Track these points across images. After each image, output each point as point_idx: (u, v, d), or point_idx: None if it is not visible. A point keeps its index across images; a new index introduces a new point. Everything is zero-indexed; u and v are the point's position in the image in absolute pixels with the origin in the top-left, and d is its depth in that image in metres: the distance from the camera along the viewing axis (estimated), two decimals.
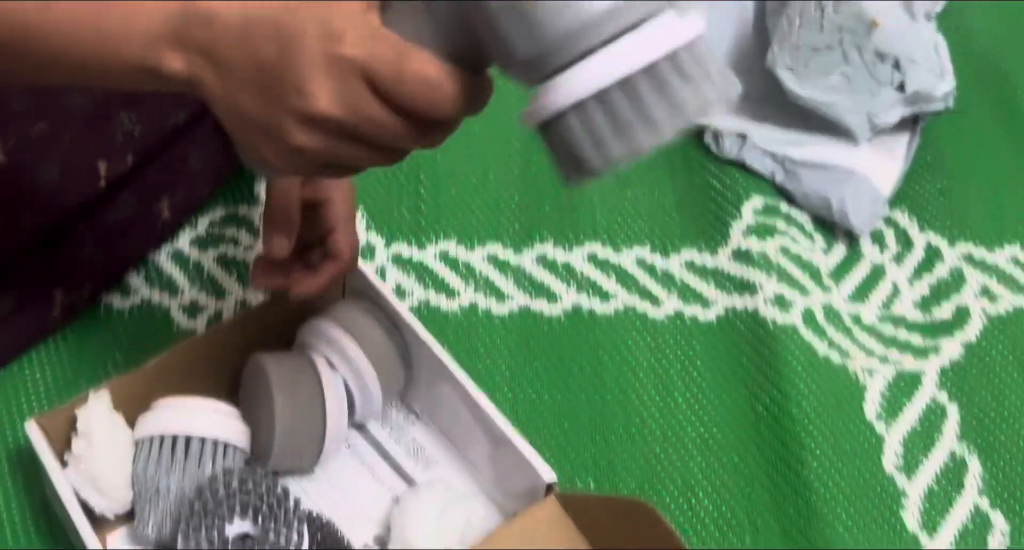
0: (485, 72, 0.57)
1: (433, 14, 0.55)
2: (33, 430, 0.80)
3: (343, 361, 0.88)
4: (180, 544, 0.75)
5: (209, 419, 0.83)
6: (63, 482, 0.79)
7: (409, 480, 0.91)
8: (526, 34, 0.51)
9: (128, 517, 0.84)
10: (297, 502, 0.77)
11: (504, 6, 0.51)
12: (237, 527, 0.76)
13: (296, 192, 0.83)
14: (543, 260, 1.11)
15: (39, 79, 0.66)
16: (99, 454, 0.81)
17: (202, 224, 1.10)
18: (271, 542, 0.74)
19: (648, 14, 0.52)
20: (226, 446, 0.83)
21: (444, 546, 0.82)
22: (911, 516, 0.95)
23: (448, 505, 0.84)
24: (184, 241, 1.08)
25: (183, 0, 0.56)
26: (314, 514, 0.83)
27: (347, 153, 0.57)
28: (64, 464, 0.81)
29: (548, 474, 0.82)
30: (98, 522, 0.82)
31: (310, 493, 0.89)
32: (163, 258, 1.06)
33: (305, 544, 0.76)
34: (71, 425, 0.82)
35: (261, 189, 1.12)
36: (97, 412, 0.82)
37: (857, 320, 1.10)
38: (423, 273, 1.08)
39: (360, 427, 0.94)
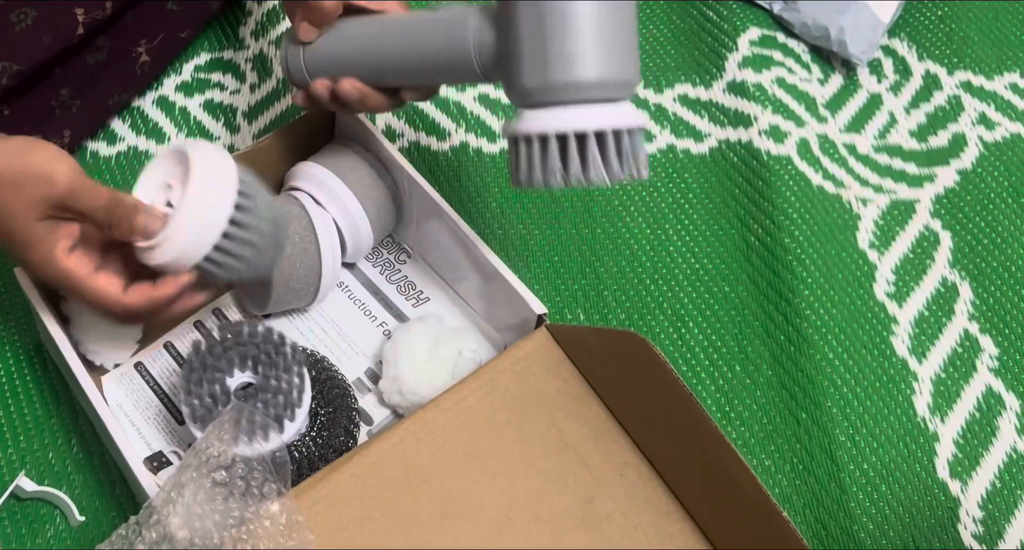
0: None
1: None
2: (22, 275, 0.81)
3: (333, 202, 0.87)
4: (183, 399, 0.76)
5: None
6: (57, 328, 0.79)
7: (401, 316, 0.92)
8: (538, 70, 0.68)
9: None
10: (294, 345, 0.78)
11: (536, 47, 0.67)
12: (238, 378, 0.77)
13: None
14: None
15: None
16: (88, 316, 0.82)
17: (187, 69, 1.08)
18: (272, 387, 0.75)
19: (614, 97, 0.69)
20: None
21: (436, 379, 0.83)
22: (900, 342, 0.95)
23: (440, 339, 0.85)
24: (169, 87, 1.07)
25: None
26: (308, 351, 0.84)
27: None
28: (60, 312, 0.82)
29: (538, 306, 0.82)
30: (93, 364, 0.84)
31: (304, 331, 0.90)
32: (148, 105, 1.05)
33: (307, 384, 0.77)
34: None
35: (246, 33, 1.10)
36: None
37: (852, 150, 1.08)
38: (414, 114, 1.07)
39: (351, 266, 0.94)
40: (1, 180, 0.67)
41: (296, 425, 0.75)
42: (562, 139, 0.68)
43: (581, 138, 0.68)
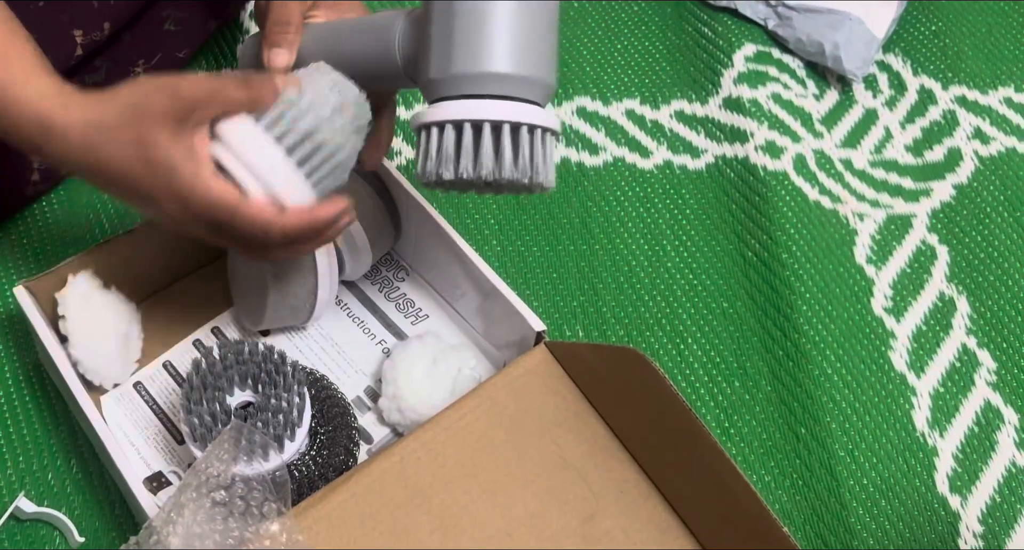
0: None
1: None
2: (22, 295, 0.81)
3: None
4: (183, 418, 0.76)
5: None
6: (56, 348, 0.79)
7: (400, 334, 0.92)
8: (443, 63, 0.67)
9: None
10: (294, 364, 0.78)
11: (443, 40, 0.67)
12: (238, 397, 0.77)
13: (298, 6, 0.79)
14: None
15: None
16: (86, 336, 0.82)
17: None
18: (272, 407, 0.75)
19: (523, 96, 0.67)
20: None
21: (435, 396, 0.83)
22: (898, 356, 0.96)
23: (439, 356, 0.85)
24: None
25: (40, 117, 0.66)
26: (307, 370, 0.84)
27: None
28: (58, 331, 0.82)
29: (537, 323, 0.82)
30: (92, 384, 0.84)
31: (303, 349, 0.90)
32: None
33: (307, 404, 0.77)
34: (58, 289, 0.83)
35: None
36: (74, 296, 0.82)
37: (849, 165, 1.09)
38: (410, 132, 1.07)
39: (350, 284, 0.94)
40: (124, 113, 0.65)
41: (296, 444, 0.75)
42: (457, 127, 0.67)
43: (478, 131, 0.67)
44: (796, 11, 1.17)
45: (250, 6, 1.13)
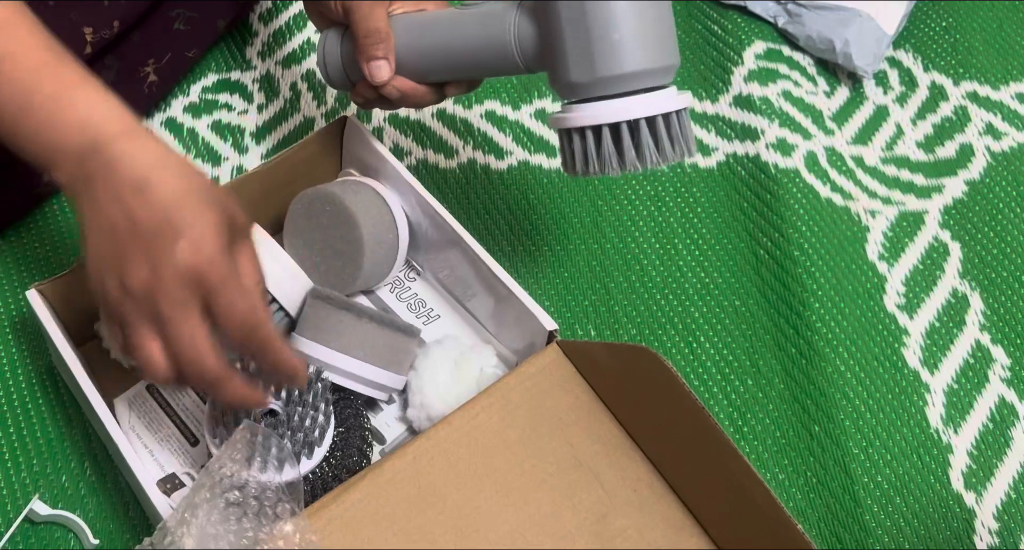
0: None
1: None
2: (34, 298, 0.81)
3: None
4: (207, 410, 0.76)
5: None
6: (70, 351, 0.79)
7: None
8: (585, 66, 0.70)
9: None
10: (325, 383, 0.77)
11: (579, 44, 0.70)
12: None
13: (383, 8, 0.80)
14: (541, 115, 1.10)
15: None
16: None
17: (194, 91, 1.09)
18: (295, 424, 0.74)
19: (659, 83, 0.71)
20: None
21: (462, 399, 0.82)
22: (912, 353, 0.95)
23: (460, 359, 0.85)
24: (177, 108, 1.07)
25: (98, 134, 0.64)
26: (320, 371, 0.84)
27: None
28: (71, 335, 0.82)
29: (549, 323, 0.82)
30: (105, 387, 0.84)
31: None
32: (156, 126, 1.06)
33: (331, 425, 0.76)
34: (71, 291, 0.83)
35: (253, 54, 1.11)
36: None
37: (860, 162, 1.09)
38: (421, 132, 1.07)
39: None
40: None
41: (313, 462, 0.75)
42: (614, 129, 0.71)
43: (632, 126, 0.71)
44: (806, 8, 1.16)
45: (259, 7, 1.14)
